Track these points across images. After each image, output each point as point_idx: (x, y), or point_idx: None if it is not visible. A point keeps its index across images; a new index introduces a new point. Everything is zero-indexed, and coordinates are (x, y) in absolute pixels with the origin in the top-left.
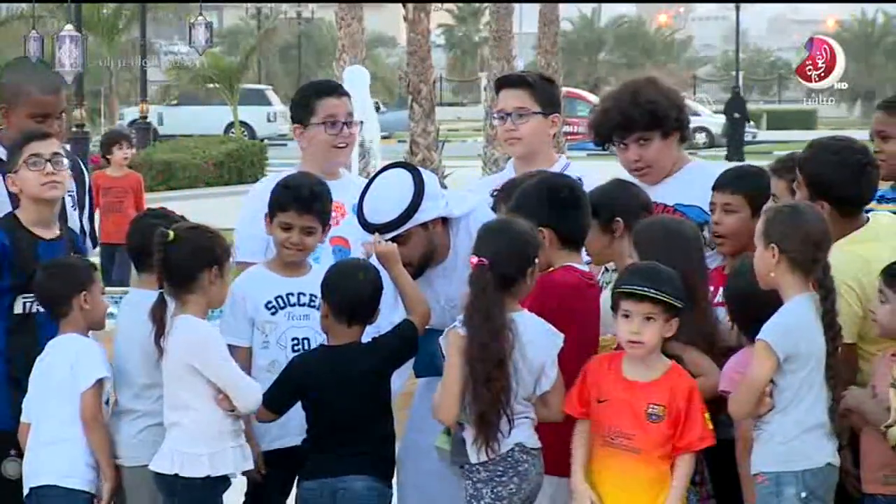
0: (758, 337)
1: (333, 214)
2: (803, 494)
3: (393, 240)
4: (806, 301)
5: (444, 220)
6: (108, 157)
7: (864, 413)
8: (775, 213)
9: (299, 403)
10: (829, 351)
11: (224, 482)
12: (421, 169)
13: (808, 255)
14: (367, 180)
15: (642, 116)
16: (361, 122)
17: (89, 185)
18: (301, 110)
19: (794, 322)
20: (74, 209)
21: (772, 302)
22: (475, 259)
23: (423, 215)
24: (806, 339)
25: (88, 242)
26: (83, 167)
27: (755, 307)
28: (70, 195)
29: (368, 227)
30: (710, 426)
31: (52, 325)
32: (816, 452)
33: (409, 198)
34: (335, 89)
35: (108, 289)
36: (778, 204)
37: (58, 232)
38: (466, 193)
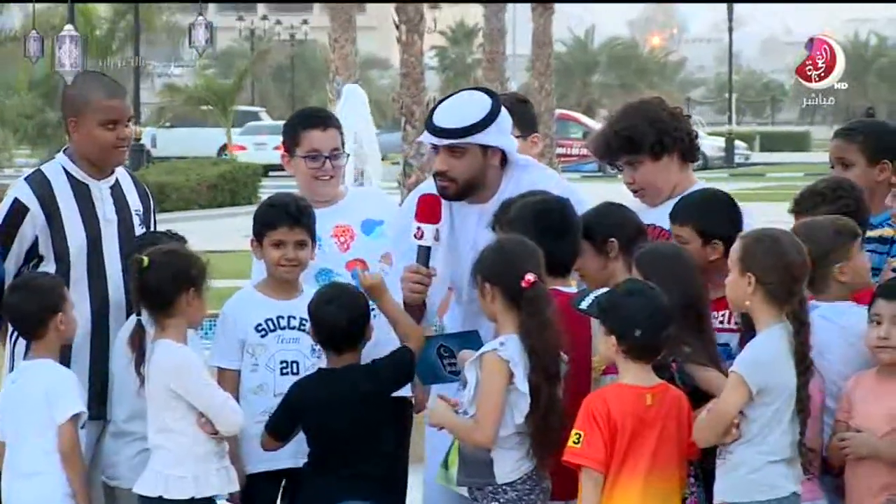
0: (731, 368)
1: (343, 238)
2: None
3: (450, 149)
4: (779, 332)
5: (504, 161)
6: None
7: (880, 455)
8: (754, 241)
9: None
10: (799, 384)
11: None
12: (502, 104)
13: (786, 288)
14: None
15: (619, 142)
16: (348, 155)
17: (153, 206)
18: (288, 139)
19: (767, 356)
20: (142, 227)
21: None
22: (532, 277)
23: (486, 137)
24: (778, 373)
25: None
26: (147, 190)
27: None
28: (137, 214)
29: (433, 129)
30: None
31: None
32: (783, 482)
33: (481, 115)
34: (322, 121)
35: None
36: (756, 231)
37: None
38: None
